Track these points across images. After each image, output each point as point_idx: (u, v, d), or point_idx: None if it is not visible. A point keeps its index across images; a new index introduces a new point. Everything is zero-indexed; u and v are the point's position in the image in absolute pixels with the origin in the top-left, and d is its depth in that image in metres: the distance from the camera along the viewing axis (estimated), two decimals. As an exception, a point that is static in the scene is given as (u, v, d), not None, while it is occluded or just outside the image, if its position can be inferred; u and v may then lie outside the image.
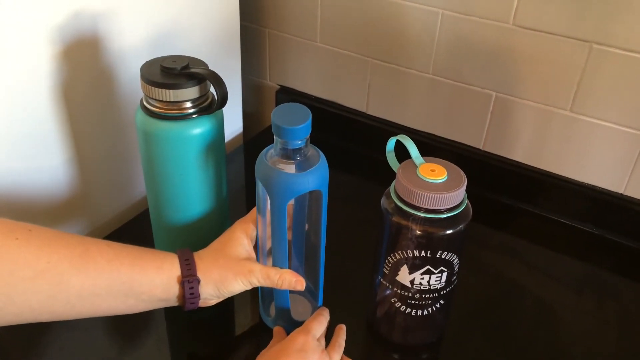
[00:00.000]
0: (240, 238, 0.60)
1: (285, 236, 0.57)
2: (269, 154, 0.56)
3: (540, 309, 0.72)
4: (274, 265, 0.60)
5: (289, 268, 0.60)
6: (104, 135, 0.76)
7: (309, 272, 0.66)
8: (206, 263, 0.57)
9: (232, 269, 0.58)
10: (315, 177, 0.55)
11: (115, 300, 0.54)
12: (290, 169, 0.55)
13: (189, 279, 0.56)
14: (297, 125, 0.53)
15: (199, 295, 0.57)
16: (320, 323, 0.61)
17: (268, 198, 0.56)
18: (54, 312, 0.51)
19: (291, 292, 0.63)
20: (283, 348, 0.56)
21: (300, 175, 0.55)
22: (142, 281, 0.54)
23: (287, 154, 0.55)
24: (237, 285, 0.58)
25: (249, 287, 0.59)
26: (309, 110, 0.54)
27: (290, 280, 0.58)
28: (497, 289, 0.75)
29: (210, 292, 0.58)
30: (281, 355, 0.55)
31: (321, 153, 0.57)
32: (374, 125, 0.97)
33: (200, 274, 0.56)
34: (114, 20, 0.71)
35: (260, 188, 0.58)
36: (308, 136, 0.55)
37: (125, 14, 0.72)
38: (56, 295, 0.50)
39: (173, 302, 0.57)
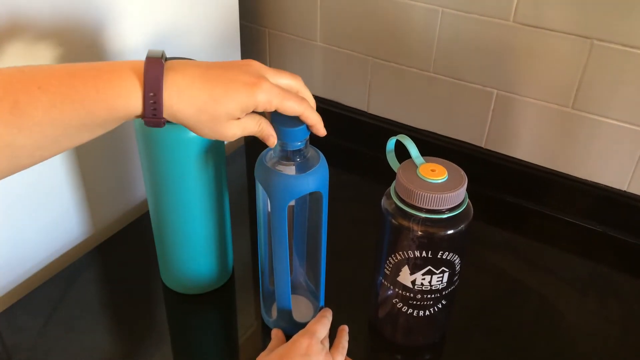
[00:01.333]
0: (253, 103, 0.48)
1: (286, 238, 0.57)
2: (269, 155, 0.56)
3: (544, 308, 0.72)
4: (274, 267, 0.59)
5: (290, 270, 0.60)
6: (103, 138, 0.76)
7: (310, 273, 0.65)
8: (183, 106, 0.46)
9: (209, 123, 0.47)
10: (315, 178, 0.55)
11: (81, 137, 0.46)
12: (290, 170, 0.55)
13: (152, 120, 0.46)
14: (297, 126, 0.52)
15: (164, 123, 0.47)
16: (323, 325, 0.61)
17: (268, 200, 0.56)
18: (23, 165, 0.45)
19: (293, 293, 0.63)
20: (287, 352, 0.56)
21: (300, 176, 0.54)
22: (96, 121, 0.45)
23: (287, 156, 0.55)
24: (210, 135, 0.49)
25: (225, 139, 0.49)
26: None
27: (268, 130, 0.51)
28: (499, 287, 0.75)
29: (178, 123, 0.48)
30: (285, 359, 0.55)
31: (321, 154, 0.57)
32: (375, 124, 0.96)
33: (167, 114, 0.46)
34: (113, 22, 0.70)
35: (260, 190, 0.58)
36: (307, 137, 0.55)
37: (124, 15, 0.72)
38: (13, 154, 0.43)
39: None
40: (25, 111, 0.42)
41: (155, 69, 0.45)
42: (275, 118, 0.53)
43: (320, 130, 0.54)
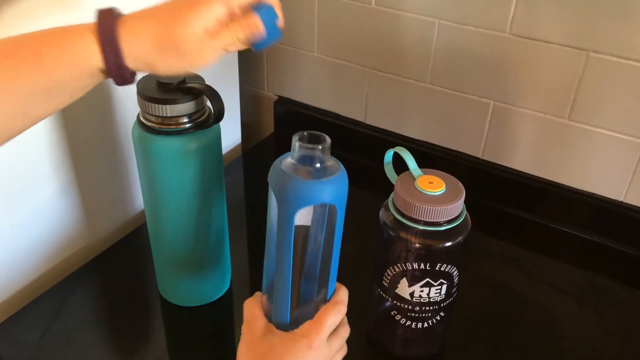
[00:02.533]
0: (211, 14, 0.44)
1: (291, 252, 0.51)
2: (285, 160, 0.51)
3: (541, 318, 0.72)
4: (275, 288, 0.52)
5: (292, 290, 0.53)
6: (101, 149, 0.76)
7: (317, 302, 0.57)
8: (141, 44, 0.44)
9: (175, 55, 0.44)
10: (331, 188, 0.50)
11: (47, 105, 0.45)
12: (305, 176, 0.50)
13: (115, 68, 0.44)
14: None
15: (132, 76, 0.46)
16: (334, 315, 0.53)
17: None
18: None
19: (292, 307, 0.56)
20: (278, 353, 0.49)
21: (314, 182, 0.49)
22: (62, 83, 0.44)
23: (305, 160, 0.50)
24: (182, 68, 0.45)
25: (203, 67, 0.46)
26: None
27: (243, 24, 0.46)
28: (497, 298, 0.75)
29: (148, 71, 0.46)
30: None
31: (342, 167, 0.52)
32: (372, 135, 0.97)
33: (129, 60, 0.44)
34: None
35: (272, 200, 0.52)
36: (329, 144, 0.51)
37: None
38: None
39: (107, 79, 0.46)
40: None
41: (107, 16, 0.44)
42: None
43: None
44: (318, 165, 0.50)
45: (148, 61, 0.45)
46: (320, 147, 0.50)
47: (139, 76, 0.51)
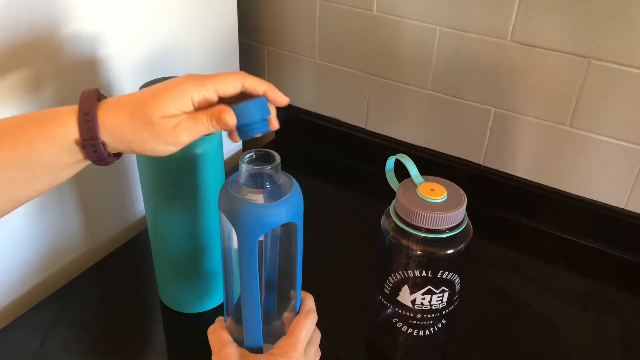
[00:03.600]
0: (184, 93, 0.45)
1: (256, 278, 0.49)
2: (234, 183, 0.49)
3: (543, 325, 0.71)
4: (243, 313, 0.51)
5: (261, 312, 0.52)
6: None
7: (281, 313, 0.56)
8: (116, 118, 0.45)
9: (149, 129, 0.44)
10: (289, 207, 0.47)
11: (29, 184, 0.45)
12: (259, 199, 0.47)
13: (90, 142, 0.44)
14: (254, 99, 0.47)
15: (109, 155, 0.46)
16: (308, 329, 0.52)
17: (234, 234, 0.48)
18: None
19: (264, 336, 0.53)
20: None
21: (271, 205, 0.47)
22: (38, 158, 0.44)
23: (256, 182, 0.48)
24: (157, 148, 0.45)
25: (175, 150, 0.46)
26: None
27: (217, 111, 0.45)
28: (498, 305, 0.75)
29: (126, 150, 0.46)
30: None
31: (294, 180, 0.50)
32: (372, 141, 0.97)
33: (105, 134, 0.45)
34: (112, 40, 0.71)
35: (224, 223, 0.50)
36: (278, 162, 0.48)
37: (124, 33, 0.72)
38: None
39: (87, 162, 0.47)
40: None
41: (90, 95, 0.45)
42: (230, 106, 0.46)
43: (280, 99, 0.48)
44: (269, 185, 0.48)
45: (123, 136, 0.45)
46: (269, 167, 0.47)
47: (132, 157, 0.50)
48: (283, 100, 0.48)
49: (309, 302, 0.55)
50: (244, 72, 0.48)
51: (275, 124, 0.48)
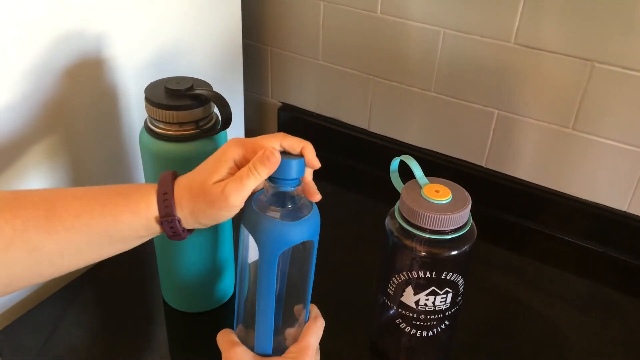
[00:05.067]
0: (228, 157, 0.50)
1: (273, 292, 0.52)
2: (258, 200, 0.52)
3: (545, 328, 0.72)
4: (257, 321, 0.53)
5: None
6: (108, 155, 0.76)
7: (284, 329, 0.57)
8: (185, 195, 0.49)
9: (205, 199, 0.49)
10: (309, 225, 0.51)
11: (102, 250, 0.49)
12: (282, 218, 0.51)
13: (167, 219, 0.49)
14: (293, 158, 0.50)
15: (184, 231, 0.50)
16: (317, 335, 0.55)
17: (251, 249, 0.52)
18: (43, 274, 0.48)
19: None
20: None
21: (294, 224, 0.50)
22: (120, 228, 0.48)
23: (279, 200, 0.51)
24: (217, 214, 0.50)
25: (233, 213, 0.50)
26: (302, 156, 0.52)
27: (263, 156, 0.49)
28: (501, 307, 0.75)
29: (194, 224, 0.51)
30: None
31: (314, 204, 0.54)
32: (376, 143, 0.97)
33: (180, 211, 0.49)
34: (117, 41, 0.71)
35: (245, 237, 0.53)
36: (301, 182, 0.52)
37: (128, 34, 0.72)
38: (37, 260, 0.46)
39: (160, 233, 0.51)
40: (59, 215, 0.46)
41: (167, 175, 0.51)
42: None
43: (314, 161, 0.52)
44: (291, 206, 0.52)
45: (190, 209, 0.49)
46: (293, 187, 0.51)
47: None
48: (316, 164, 0.52)
49: (315, 309, 0.58)
50: (284, 133, 0.51)
51: (317, 196, 0.53)
